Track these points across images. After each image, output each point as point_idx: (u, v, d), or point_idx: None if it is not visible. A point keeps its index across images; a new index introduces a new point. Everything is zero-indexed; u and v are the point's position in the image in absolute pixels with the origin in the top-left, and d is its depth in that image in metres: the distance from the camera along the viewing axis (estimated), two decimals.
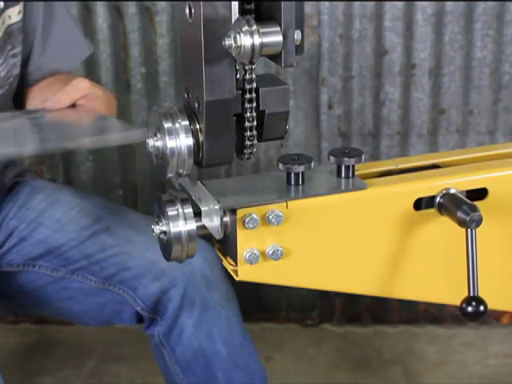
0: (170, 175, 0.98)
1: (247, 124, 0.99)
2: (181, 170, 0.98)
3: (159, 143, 0.97)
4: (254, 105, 0.99)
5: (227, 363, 1.64)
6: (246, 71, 0.98)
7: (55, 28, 1.75)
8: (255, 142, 1.01)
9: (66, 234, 1.67)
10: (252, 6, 0.95)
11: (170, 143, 0.96)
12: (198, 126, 0.97)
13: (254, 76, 0.98)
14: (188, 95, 0.99)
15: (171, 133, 0.96)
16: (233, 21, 0.92)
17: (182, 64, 1.00)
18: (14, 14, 1.67)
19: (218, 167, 2.36)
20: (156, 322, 1.66)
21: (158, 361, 1.71)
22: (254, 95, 0.99)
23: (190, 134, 0.97)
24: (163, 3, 2.36)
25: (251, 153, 1.02)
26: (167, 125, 0.96)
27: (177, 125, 0.96)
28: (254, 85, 0.99)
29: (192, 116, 0.98)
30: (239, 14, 0.93)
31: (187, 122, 0.97)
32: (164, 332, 1.65)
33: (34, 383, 2.41)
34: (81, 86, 1.58)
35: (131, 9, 2.38)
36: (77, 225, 1.68)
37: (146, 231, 1.61)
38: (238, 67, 0.97)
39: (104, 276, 1.65)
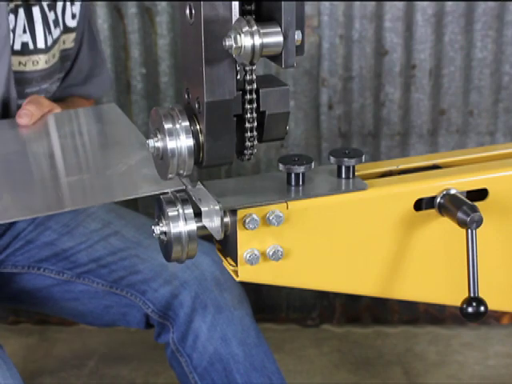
0: (170, 176, 0.98)
1: (247, 125, 0.99)
2: (181, 171, 0.98)
3: (159, 144, 0.97)
4: (255, 105, 0.99)
5: (244, 366, 1.62)
6: (246, 72, 0.98)
7: (93, 59, 1.82)
8: (255, 142, 1.01)
9: (74, 238, 1.68)
10: (252, 7, 0.95)
11: (171, 144, 0.96)
12: (198, 127, 0.97)
13: (254, 77, 0.98)
14: (188, 96, 0.99)
15: (171, 133, 0.96)
16: (233, 21, 0.92)
17: (183, 64, 1.00)
18: (69, 40, 1.69)
19: (218, 168, 2.36)
20: (167, 329, 1.65)
21: (174, 369, 1.68)
22: (254, 96, 0.99)
23: (191, 135, 0.96)
24: (163, 4, 2.37)
25: (251, 153, 1.02)
26: (167, 125, 0.96)
27: (177, 125, 0.96)
28: (255, 86, 0.99)
29: (192, 117, 0.98)
30: (239, 14, 0.93)
31: (187, 123, 0.97)
32: (179, 338, 1.63)
33: (35, 383, 2.41)
34: (45, 101, 1.59)
35: (131, 9, 2.38)
36: (85, 229, 1.68)
37: None
38: (238, 68, 0.97)
39: (112, 279, 1.65)
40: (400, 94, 2.45)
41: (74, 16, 1.69)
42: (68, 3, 1.67)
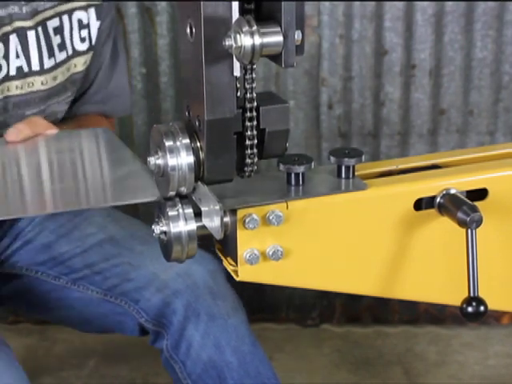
0: (171, 193, 0.99)
1: (248, 142, 1.00)
2: (182, 188, 0.98)
3: (160, 161, 0.98)
4: (255, 123, 0.99)
5: (238, 373, 1.61)
6: (246, 90, 0.98)
7: (114, 79, 1.80)
8: (255, 159, 1.01)
9: (71, 241, 1.67)
10: (252, 6, 0.95)
11: (171, 161, 0.96)
12: (198, 144, 0.98)
13: (254, 95, 0.98)
14: (189, 113, 0.99)
15: (172, 151, 0.96)
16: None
17: (183, 82, 1.00)
18: (80, 63, 1.69)
19: None
20: (162, 336, 1.64)
21: (169, 374, 1.68)
22: (254, 114, 0.99)
23: (191, 152, 0.97)
24: (163, 4, 2.37)
25: (252, 170, 1.02)
26: (168, 143, 0.96)
27: (178, 143, 0.97)
28: (255, 103, 0.99)
29: (193, 134, 0.98)
30: (239, 14, 0.93)
31: (188, 141, 0.97)
32: (172, 345, 1.63)
33: (34, 383, 2.40)
34: (41, 122, 1.58)
35: (131, 9, 2.38)
36: (81, 232, 1.68)
37: (149, 242, 1.59)
38: (238, 86, 0.97)
39: (106, 287, 1.64)
40: (400, 94, 2.45)
41: (83, 40, 1.69)
42: (75, 27, 1.67)
